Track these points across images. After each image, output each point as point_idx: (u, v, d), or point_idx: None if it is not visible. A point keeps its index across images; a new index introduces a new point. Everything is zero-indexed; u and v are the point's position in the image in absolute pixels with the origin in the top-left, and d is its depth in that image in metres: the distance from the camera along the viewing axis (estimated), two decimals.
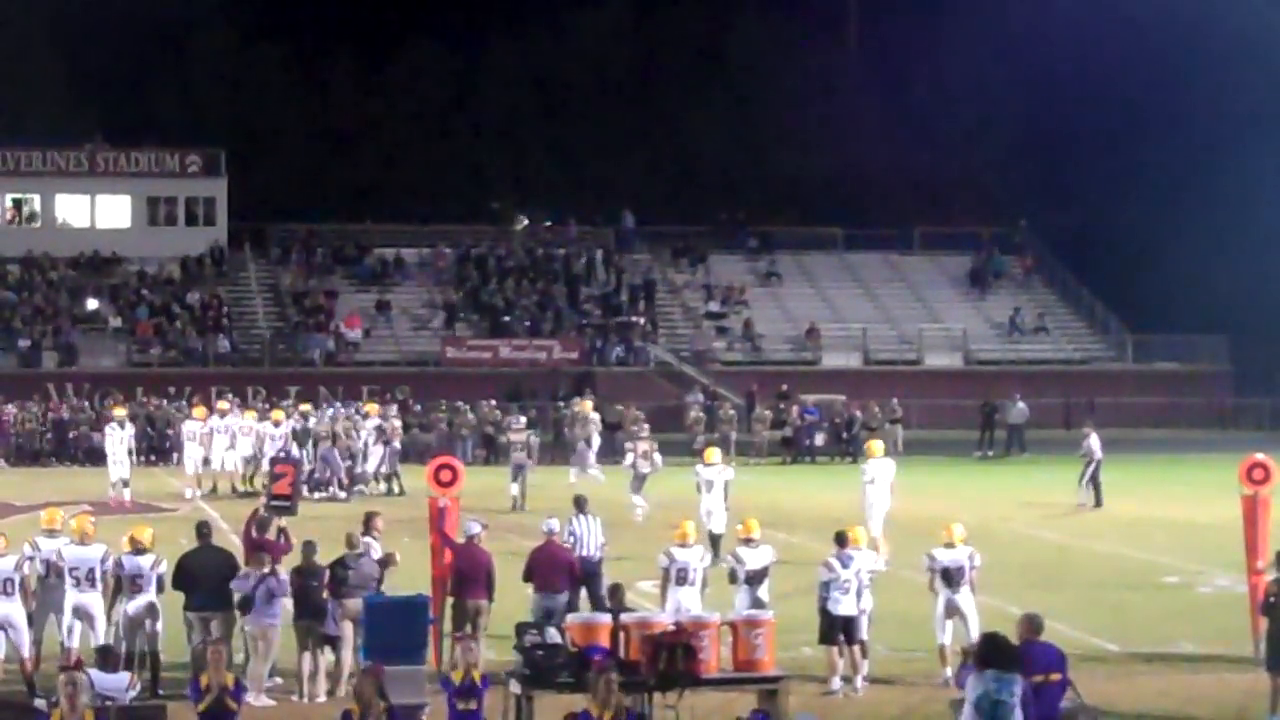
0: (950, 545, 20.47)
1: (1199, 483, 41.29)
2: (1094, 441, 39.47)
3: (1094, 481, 39.39)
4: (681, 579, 20.37)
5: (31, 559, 19.99)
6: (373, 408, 44.67)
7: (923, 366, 68.51)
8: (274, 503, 21.93)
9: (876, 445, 31.63)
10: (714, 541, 28.27)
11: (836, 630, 19.90)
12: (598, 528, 22.94)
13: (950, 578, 20.28)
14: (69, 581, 19.83)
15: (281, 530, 21.33)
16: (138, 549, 19.85)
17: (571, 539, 22.41)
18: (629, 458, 38.05)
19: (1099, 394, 65.90)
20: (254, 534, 20.99)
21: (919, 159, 79.76)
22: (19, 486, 41.65)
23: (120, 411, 42.99)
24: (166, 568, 19.95)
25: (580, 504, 23.57)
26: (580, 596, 21.52)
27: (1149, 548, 32.11)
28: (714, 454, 30.71)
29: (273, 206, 74.28)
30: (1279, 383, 64.59)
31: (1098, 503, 39.11)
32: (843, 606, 19.88)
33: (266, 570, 19.60)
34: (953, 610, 20.28)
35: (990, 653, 14.13)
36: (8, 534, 20.20)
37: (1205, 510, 34.78)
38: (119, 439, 40.05)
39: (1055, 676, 14.82)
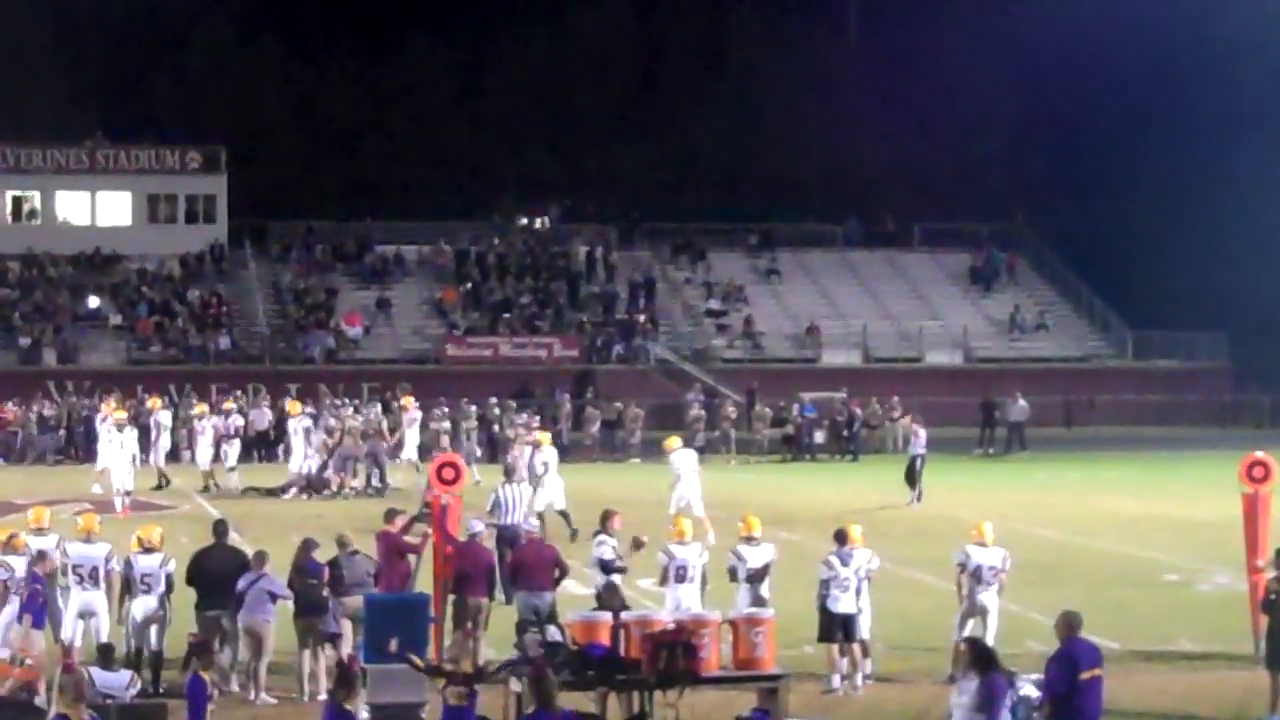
0: (983, 544, 20.41)
1: (1199, 480, 41.21)
2: (923, 436, 39.59)
3: (918, 476, 39.03)
4: (681, 577, 20.35)
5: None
6: (295, 407, 43.30)
7: (923, 364, 68.40)
8: (426, 508, 23.00)
9: (675, 439, 33.75)
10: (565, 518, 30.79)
11: (836, 628, 19.86)
12: (523, 495, 25.35)
13: (981, 576, 20.23)
14: (72, 579, 19.76)
15: (424, 534, 21.52)
16: (147, 549, 19.83)
17: (500, 508, 24.49)
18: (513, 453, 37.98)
19: (1099, 391, 65.98)
20: (387, 524, 21.22)
21: (919, 156, 79.73)
22: (20, 485, 41.58)
23: (120, 415, 40.15)
24: (175, 567, 19.95)
25: (509, 473, 26.24)
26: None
27: (1149, 545, 32.11)
28: (546, 436, 34.12)
29: (273, 203, 74.23)
30: (1279, 380, 64.54)
31: (917, 498, 38.64)
32: (842, 604, 19.84)
33: (264, 569, 19.67)
34: (977, 609, 20.20)
35: (986, 658, 14.37)
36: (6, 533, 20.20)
37: (1205, 508, 34.74)
38: (116, 443, 37.69)
39: (1098, 672, 15.01)
